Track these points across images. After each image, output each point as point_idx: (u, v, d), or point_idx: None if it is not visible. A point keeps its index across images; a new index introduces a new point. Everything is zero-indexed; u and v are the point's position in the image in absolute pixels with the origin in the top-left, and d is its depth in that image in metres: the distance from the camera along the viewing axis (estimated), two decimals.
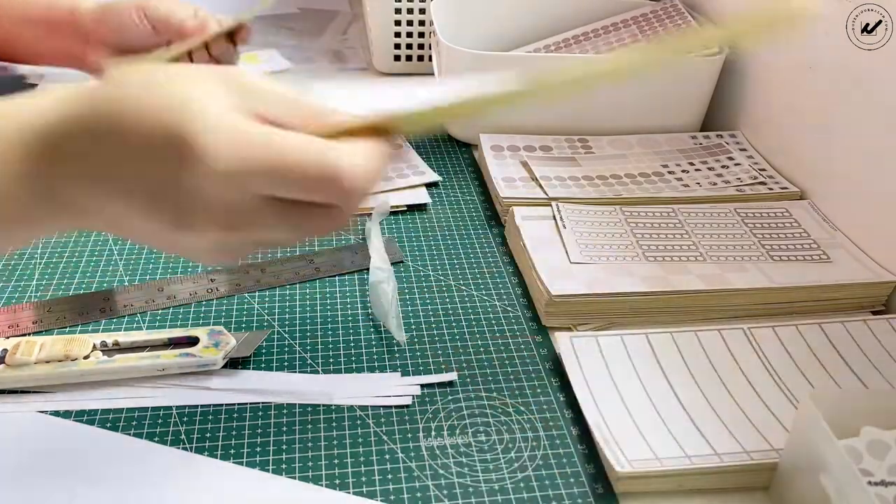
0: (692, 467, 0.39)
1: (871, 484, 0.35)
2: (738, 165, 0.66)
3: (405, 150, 0.66)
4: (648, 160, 0.67)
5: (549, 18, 0.80)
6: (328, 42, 0.92)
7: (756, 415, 0.43)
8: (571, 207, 0.58)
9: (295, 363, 0.46)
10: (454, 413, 0.44)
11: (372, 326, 0.50)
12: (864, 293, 0.53)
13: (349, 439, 0.42)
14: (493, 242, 0.59)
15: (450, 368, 0.47)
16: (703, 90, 0.71)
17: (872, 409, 0.38)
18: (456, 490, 0.39)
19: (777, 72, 0.66)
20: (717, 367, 0.46)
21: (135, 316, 0.49)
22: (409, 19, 0.82)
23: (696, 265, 0.53)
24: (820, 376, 0.46)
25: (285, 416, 0.43)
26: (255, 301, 0.51)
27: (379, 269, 0.52)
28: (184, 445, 0.41)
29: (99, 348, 0.45)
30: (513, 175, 0.63)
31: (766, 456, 0.40)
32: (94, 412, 0.43)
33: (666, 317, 0.51)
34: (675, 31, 0.75)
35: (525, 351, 0.48)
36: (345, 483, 0.39)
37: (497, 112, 0.44)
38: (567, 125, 0.70)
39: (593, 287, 0.50)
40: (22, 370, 0.43)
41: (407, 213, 0.61)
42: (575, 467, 0.41)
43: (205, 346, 0.45)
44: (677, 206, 0.60)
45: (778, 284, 0.52)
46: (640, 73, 0.50)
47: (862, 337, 0.49)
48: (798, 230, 0.58)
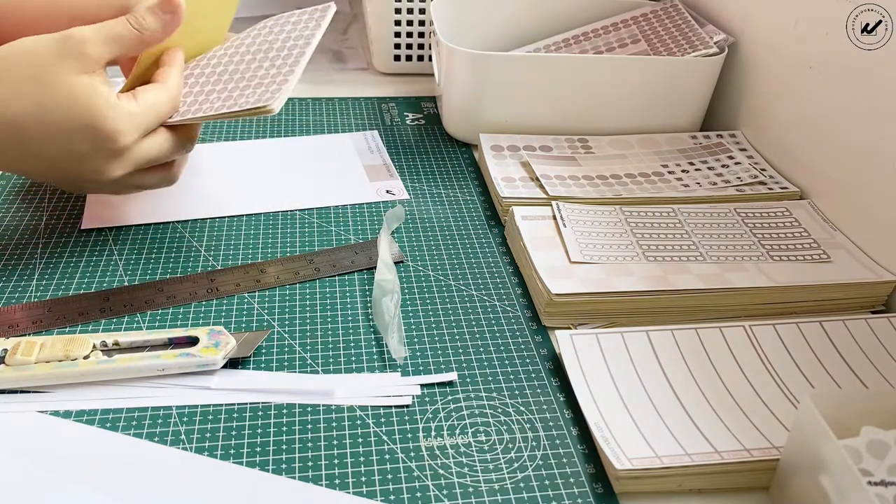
0: (692, 465, 0.39)
1: (870, 484, 0.35)
2: (738, 165, 0.66)
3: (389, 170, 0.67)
4: (648, 160, 0.67)
5: (549, 18, 0.80)
6: (327, 42, 0.92)
7: (755, 413, 0.43)
8: (571, 207, 0.58)
9: (295, 363, 0.47)
10: (454, 413, 0.44)
11: (372, 326, 0.50)
12: (865, 293, 0.53)
13: (349, 439, 0.42)
14: (493, 242, 0.59)
15: (450, 368, 0.47)
16: (703, 90, 0.71)
17: (872, 409, 0.38)
18: (456, 490, 0.39)
19: (777, 72, 0.66)
20: (717, 366, 0.46)
21: (135, 316, 0.49)
22: (409, 19, 0.82)
23: (696, 265, 0.53)
24: (820, 376, 0.46)
25: (285, 416, 0.43)
26: (255, 301, 0.51)
27: (384, 281, 0.52)
28: (184, 445, 0.41)
29: (99, 348, 0.45)
30: (513, 175, 0.63)
31: (767, 454, 0.40)
32: (94, 412, 0.43)
33: (666, 317, 0.51)
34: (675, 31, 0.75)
35: (525, 351, 0.49)
36: (345, 483, 0.39)
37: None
38: (567, 125, 0.71)
39: (593, 287, 0.50)
40: (22, 370, 0.43)
41: (407, 213, 0.61)
42: (575, 467, 0.41)
43: (205, 346, 0.45)
44: (677, 206, 0.60)
45: (778, 284, 0.52)
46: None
47: (862, 335, 0.49)
48: (798, 230, 0.58)
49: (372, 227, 0.59)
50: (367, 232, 0.59)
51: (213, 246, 0.56)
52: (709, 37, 0.72)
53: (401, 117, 0.76)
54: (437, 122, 0.76)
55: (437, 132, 0.74)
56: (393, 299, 0.51)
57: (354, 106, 0.78)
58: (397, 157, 0.69)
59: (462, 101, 0.70)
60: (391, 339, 0.48)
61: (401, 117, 0.76)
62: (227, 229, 0.58)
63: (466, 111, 0.70)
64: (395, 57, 0.84)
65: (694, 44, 0.72)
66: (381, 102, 0.79)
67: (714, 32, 0.72)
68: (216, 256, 0.55)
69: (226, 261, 0.55)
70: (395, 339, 0.48)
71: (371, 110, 0.77)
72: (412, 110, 0.78)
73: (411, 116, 0.77)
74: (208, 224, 0.58)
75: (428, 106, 0.79)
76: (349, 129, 0.73)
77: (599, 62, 0.69)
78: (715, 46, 0.70)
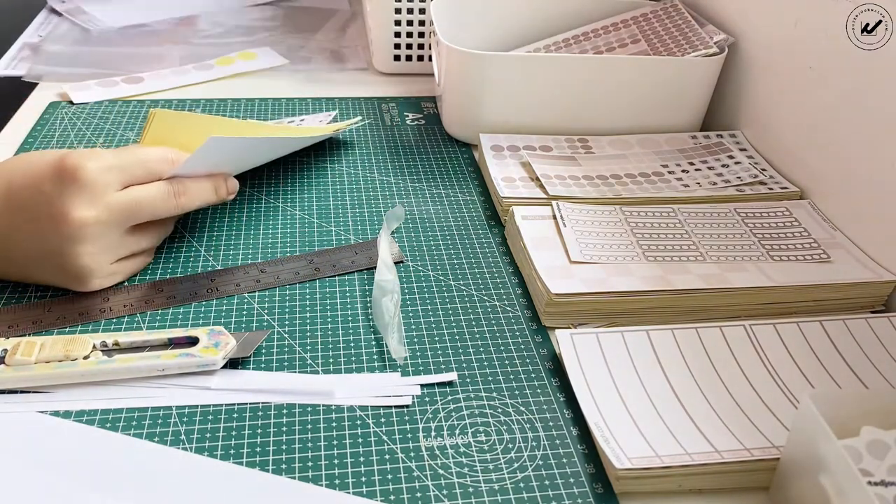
0: (693, 464, 0.39)
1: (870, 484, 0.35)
2: (738, 165, 0.66)
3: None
4: (648, 160, 0.67)
5: (549, 18, 0.80)
6: (327, 42, 0.92)
7: (755, 413, 0.43)
8: (572, 207, 0.58)
9: (295, 363, 0.47)
10: (454, 413, 0.44)
11: (372, 326, 0.50)
12: (865, 293, 0.53)
13: (349, 439, 0.42)
14: (493, 242, 0.59)
15: (450, 368, 0.47)
16: (703, 90, 0.71)
17: (872, 409, 0.38)
18: (456, 490, 0.39)
19: (777, 72, 0.66)
20: (717, 366, 0.46)
21: (135, 316, 0.49)
22: (409, 19, 0.82)
23: (696, 265, 0.53)
24: (820, 375, 0.46)
25: (285, 416, 0.43)
26: (255, 301, 0.51)
27: (384, 281, 0.52)
28: (184, 445, 0.41)
29: (99, 348, 0.45)
30: (513, 175, 0.63)
31: (767, 453, 0.40)
32: (94, 412, 0.43)
33: (666, 316, 0.51)
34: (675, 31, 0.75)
35: (525, 351, 0.48)
36: (345, 483, 0.39)
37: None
38: (567, 125, 0.71)
39: (593, 287, 0.50)
40: (22, 370, 0.43)
41: (407, 213, 0.61)
42: (575, 467, 0.41)
43: (205, 346, 0.45)
44: (677, 205, 0.60)
45: (778, 284, 0.52)
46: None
47: (862, 335, 0.49)
48: (798, 230, 0.58)
49: (372, 227, 0.59)
50: (367, 232, 0.59)
51: (213, 246, 0.56)
52: (709, 37, 0.72)
53: (401, 117, 0.76)
54: (437, 122, 0.76)
55: (437, 132, 0.74)
56: (393, 299, 0.51)
57: (354, 106, 0.78)
58: (397, 157, 0.69)
59: (462, 101, 0.70)
60: (391, 340, 0.48)
61: (401, 117, 0.76)
62: (227, 229, 0.58)
63: (466, 111, 0.70)
64: (395, 57, 0.84)
65: (694, 44, 0.72)
66: (381, 102, 0.79)
67: (714, 32, 0.72)
68: (216, 256, 0.55)
69: (226, 261, 0.55)
70: (395, 339, 0.48)
71: (371, 110, 0.77)
72: (412, 110, 0.78)
73: (411, 116, 0.77)
74: (208, 224, 0.58)
75: (428, 106, 0.79)
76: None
77: (599, 62, 0.69)
78: (715, 46, 0.70)
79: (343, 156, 0.69)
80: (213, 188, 0.54)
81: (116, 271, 0.51)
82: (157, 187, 0.50)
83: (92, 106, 0.73)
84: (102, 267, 0.49)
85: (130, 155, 0.49)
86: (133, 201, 0.49)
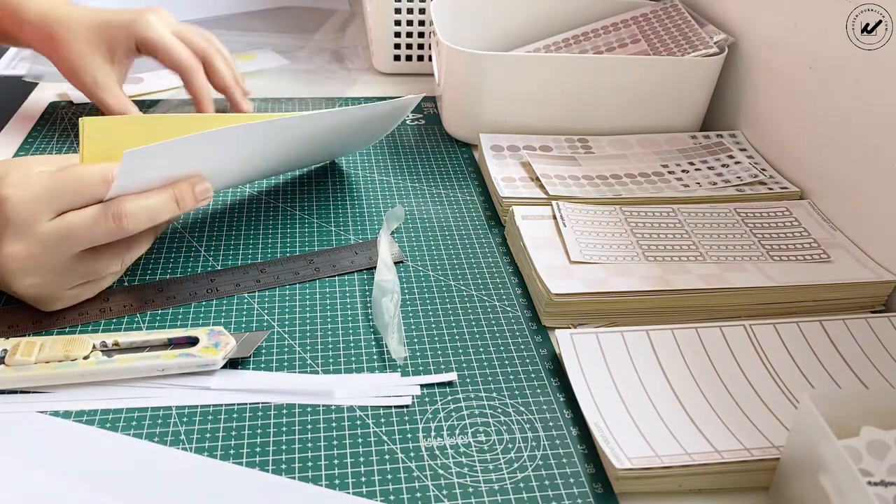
0: (693, 464, 0.39)
1: (870, 484, 0.35)
2: (738, 165, 0.66)
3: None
4: (648, 160, 0.67)
5: (549, 18, 0.80)
6: (327, 42, 0.92)
7: (755, 413, 0.43)
8: (572, 207, 0.58)
9: (295, 363, 0.47)
10: (454, 413, 0.44)
11: (372, 327, 0.50)
12: (865, 293, 0.53)
13: (349, 439, 0.42)
14: (493, 242, 0.59)
15: (450, 368, 0.47)
16: (703, 90, 0.71)
17: (872, 409, 0.38)
18: (456, 490, 0.39)
19: (777, 72, 0.66)
20: (717, 366, 0.46)
21: (135, 316, 0.49)
22: (409, 19, 0.82)
23: (696, 265, 0.53)
24: (820, 376, 0.46)
25: (285, 416, 0.43)
26: (254, 301, 0.51)
27: (384, 281, 0.52)
28: (184, 445, 0.41)
29: (99, 348, 0.45)
30: (513, 175, 0.63)
31: (767, 453, 0.40)
32: (94, 412, 0.43)
33: (666, 316, 0.51)
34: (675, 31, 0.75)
35: (525, 351, 0.48)
36: (345, 483, 0.39)
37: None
38: (567, 125, 0.71)
39: (593, 287, 0.50)
40: (22, 370, 0.43)
41: (407, 213, 0.61)
42: (575, 467, 0.41)
43: (205, 346, 0.45)
44: (677, 205, 0.60)
45: (778, 284, 0.52)
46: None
47: (862, 335, 0.49)
48: (798, 230, 0.58)
49: (372, 227, 0.59)
50: (367, 232, 0.59)
51: (213, 246, 0.56)
52: (709, 37, 0.72)
53: None
54: (437, 122, 0.76)
55: (437, 132, 0.74)
56: (393, 299, 0.51)
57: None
58: (397, 157, 0.69)
59: (462, 101, 0.70)
60: (391, 340, 0.48)
61: None
62: (227, 229, 0.58)
63: (466, 111, 0.70)
64: (395, 57, 0.84)
65: (694, 44, 0.72)
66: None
67: (714, 32, 0.72)
68: (216, 256, 0.55)
69: (226, 261, 0.55)
70: (395, 339, 0.48)
71: None
72: (412, 110, 0.78)
73: (411, 116, 0.76)
74: (208, 224, 0.58)
75: (428, 106, 0.79)
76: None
77: (599, 62, 0.69)
78: (715, 46, 0.70)
79: (343, 156, 0.69)
80: (173, 199, 0.47)
81: (77, 295, 0.48)
82: (91, 212, 0.45)
83: (92, 106, 0.73)
84: (56, 293, 0.47)
85: (64, 179, 0.45)
86: (67, 229, 0.44)
